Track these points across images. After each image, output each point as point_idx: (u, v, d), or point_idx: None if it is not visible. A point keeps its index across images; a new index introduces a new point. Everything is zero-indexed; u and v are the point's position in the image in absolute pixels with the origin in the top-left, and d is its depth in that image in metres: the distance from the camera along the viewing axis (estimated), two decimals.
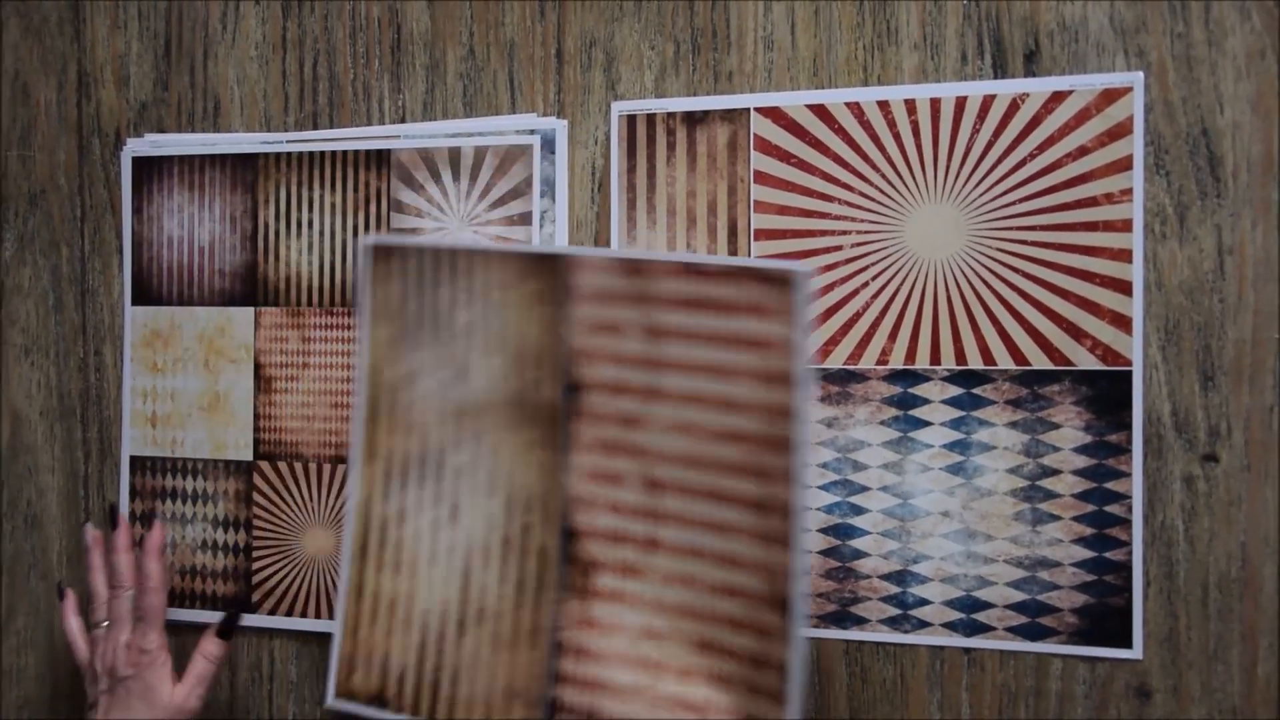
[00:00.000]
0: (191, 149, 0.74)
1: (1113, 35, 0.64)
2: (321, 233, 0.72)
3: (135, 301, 0.76)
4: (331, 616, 0.72)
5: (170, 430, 0.76)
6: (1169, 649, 0.63)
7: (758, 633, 0.55)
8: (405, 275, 0.62)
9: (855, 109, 0.67)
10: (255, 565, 0.74)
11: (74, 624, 0.72)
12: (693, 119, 0.69)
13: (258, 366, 0.74)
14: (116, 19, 0.78)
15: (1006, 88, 0.64)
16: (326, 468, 0.72)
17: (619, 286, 0.58)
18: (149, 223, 0.75)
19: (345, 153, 0.72)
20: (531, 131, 0.69)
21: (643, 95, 0.70)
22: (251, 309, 0.74)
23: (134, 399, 0.76)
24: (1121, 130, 0.63)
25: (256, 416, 0.74)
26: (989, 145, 0.65)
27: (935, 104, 0.65)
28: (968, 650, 0.65)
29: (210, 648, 0.69)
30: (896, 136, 0.66)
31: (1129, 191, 0.63)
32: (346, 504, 0.66)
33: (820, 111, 0.67)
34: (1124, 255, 0.63)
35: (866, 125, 0.66)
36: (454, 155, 0.70)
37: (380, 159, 0.71)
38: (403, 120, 0.73)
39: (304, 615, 0.73)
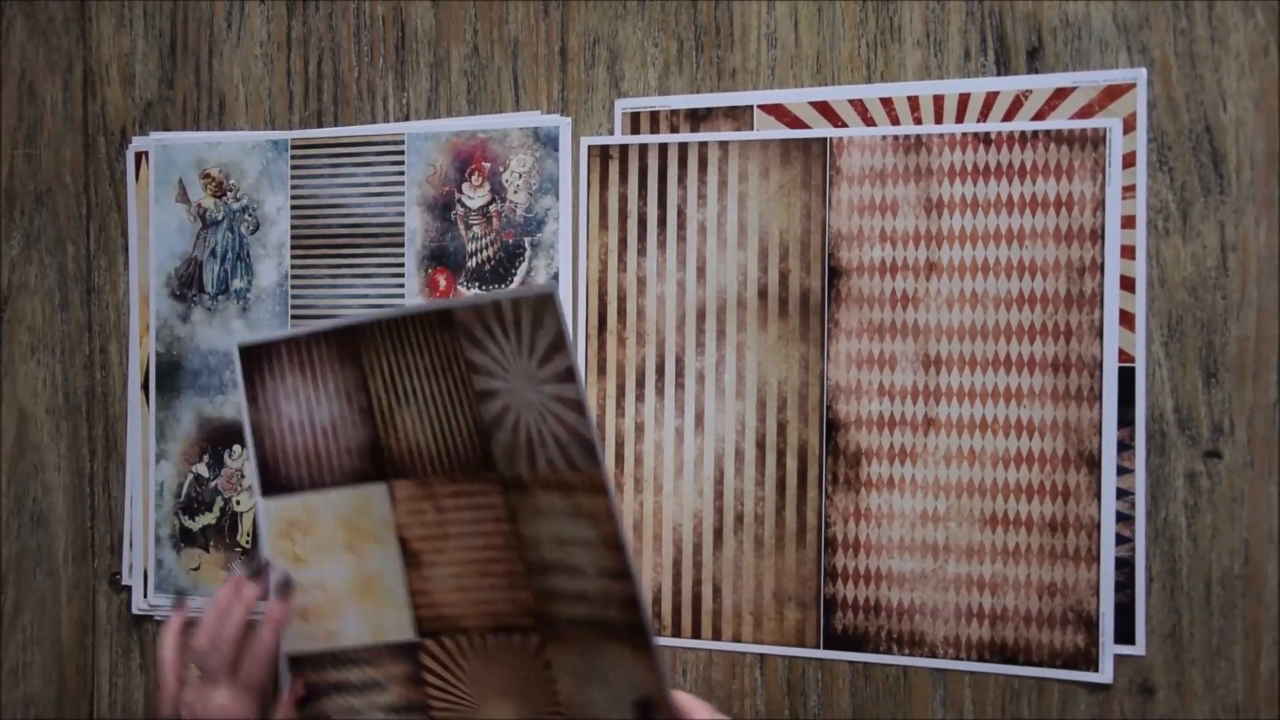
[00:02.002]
0: (296, 332, 0.68)
1: (1116, 32, 0.64)
2: (425, 400, 0.65)
3: (266, 493, 0.69)
4: None
5: (324, 622, 0.69)
6: (1172, 645, 0.63)
7: (1060, 496, 0.55)
8: (626, 177, 0.61)
9: (859, 106, 0.67)
10: None
11: (171, 650, 0.68)
12: (696, 116, 0.69)
13: (403, 541, 0.67)
14: (122, 18, 0.79)
15: (1009, 84, 0.65)
16: (491, 639, 0.65)
17: (893, 164, 0.58)
18: (268, 411, 0.69)
19: (408, 317, 0.64)
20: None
21: (646, 93, 0.70)
22: (384, 484, 0.67)
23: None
24: (1124, 127, 0.63)
25: (412, 594, 0.67)
26: None
27: (938, 101, 0.65)
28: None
29: (274, 613, 0.67)
30: None
31: (1132, 188, 0.63)
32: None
33: (823, 108, 0.67)
34: (1127, 251, 0.63)
35: (870, 122, 0.67)
36: (497, 311, 0.61)
37: (445, 319, 0.63)
38: (407, 118, 0.74)
39: None
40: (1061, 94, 0.64)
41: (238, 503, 0.76)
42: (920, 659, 0.66)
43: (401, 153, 0.73)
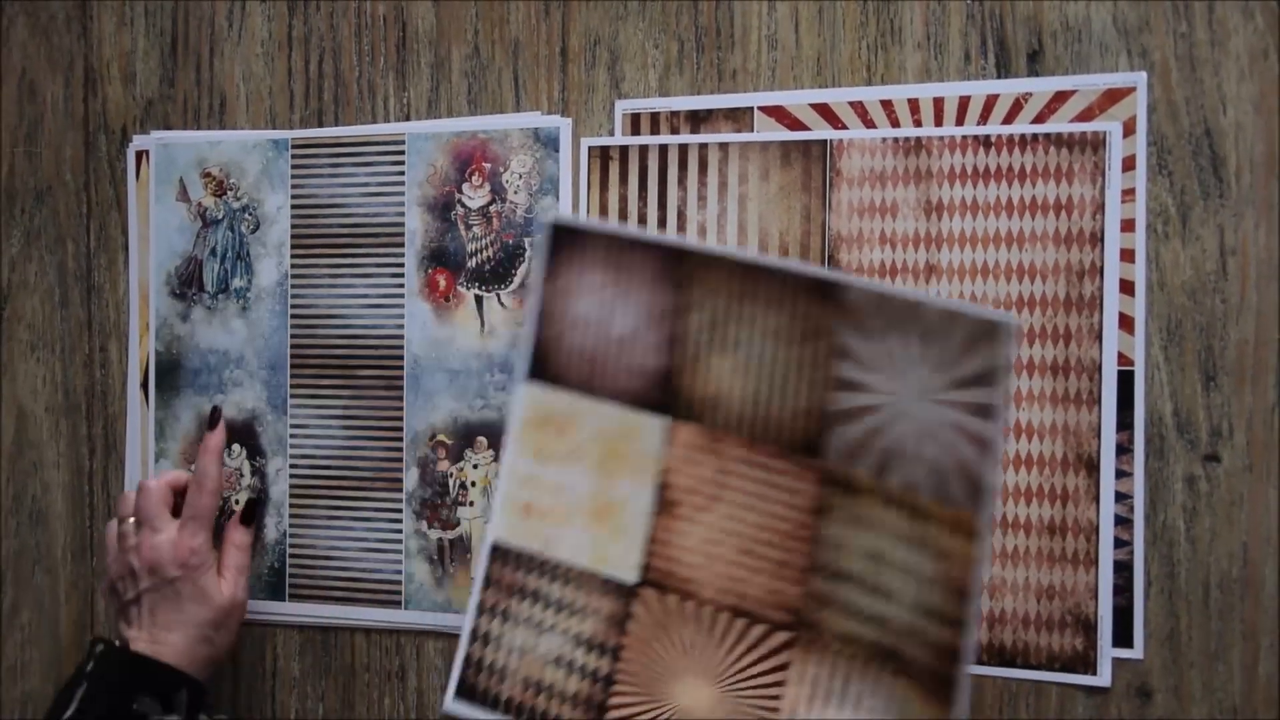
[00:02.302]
0: (624, 232, 0.63)
1: (1116, 35, 0.64)
2: (755, 356, 0.60)
3: (532, 376, 0.64)
4: None
5: (546, 526, 0.66)
6: (1170, 649, 0.63)
7: (1058, 499, 0.55)
8: (626, 178, 0.60)
9: (859, 108, 0.67)
10: (613, 700, 0.63)
11: (112, 526, 0.70)
12: (696, 118, 0.69)
13: (662, 485, 0.63)
14: (123, 16, 0.79)
15: (1010, 87, 0.65)
16: (723, 617, 0.61)
17: (893, 166, 0.57)
18: (560, 295, 0.64)
19: (787, 275, 0.58)
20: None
21: (647, 94, 0.70)
22: (666, 420, 0.63)
23: (510, 482, 0.66)
24: (1124, 130, 0.63)
25: (651, 539, 0.63)
26: None
27: (939, 103, 0.65)
28: None
29: (238, 536, 0.71)
30: None
31: (1131, 191, 0.63)
32: None
33: (824, 110, 0.67)
34: (1126, 255, 0.63)
35: (870, 125, 0.67)
36: (913, 312, 0.55)
37: (830, 291, 0.57)
38: (408, 118, 0.74)
39: None
40: (1061, 97, 0.64)
41: (236, 501, 0.75)
42: None
43: (402, 153, 0.73)
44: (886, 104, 0.66)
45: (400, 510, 0.72)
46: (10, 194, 0.81)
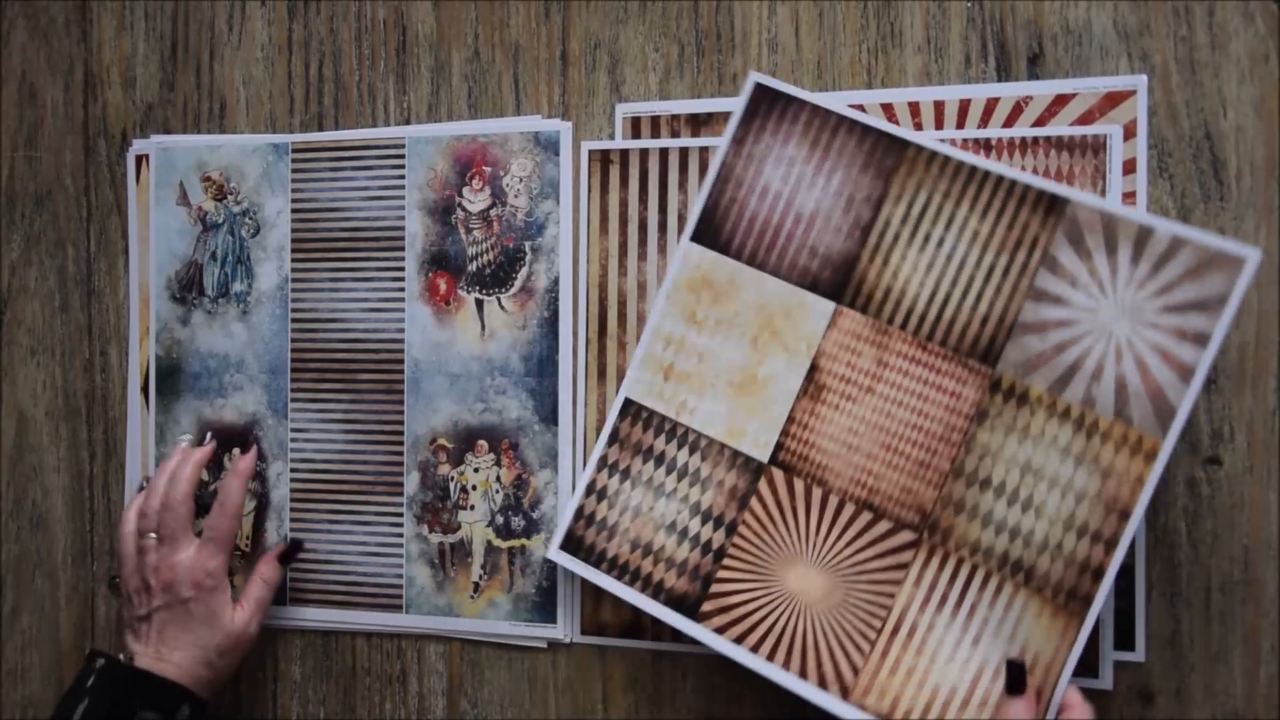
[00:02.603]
0: (834, 106, 0.63)
1: (1116, 38, 0.64)
2: (949, 257, 0.61)
3: (696, 238, 0.65)
4: (788, 665, 0.62)
5: (684, 391, 0.65)
6: (1171, 651, 0.63)
7: None
8: (627, 182, 0.64)
9: (858, 110, 0.67)
10: (720, 573, 0.64)
11: (130, 523, 0.69)
12: (697, 121, 0.69)
13: (814, 368, 0.63)
14: (123, 20, 0.79)
15: (1010, 90, 0.65)
16: (849, 508, 0.62)
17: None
18: (747, 160, 0.64)
19: (1014, 183, 0.59)
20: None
21: (647, 97, 0.70)
22: (833, 304, 0.63)
23: (654, 341, 0.66)
24: (1125, 133, 0.63)
25: (791, 420, 0.63)
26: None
27: (939, 106, 0.65)
28: None
29: (269, 572, 0.71)
30: None
31: (1132, 194, 0.63)
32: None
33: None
34: None
35: None
36: (1143, 234, 0.56)
37: (1054, 204, 0.58)
38: (408, 121, 0.74)
39: (756, 651, 0.62)
40: (1062, 100, 0.64)
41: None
42: None
43: (402, 156, 0.73)
44: (887, 107, 0.66)
45: (401, 514, 0.72)
46: (10, 198, 0.81)
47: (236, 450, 0.75)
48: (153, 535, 0.67)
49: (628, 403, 0.66)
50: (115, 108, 0.79)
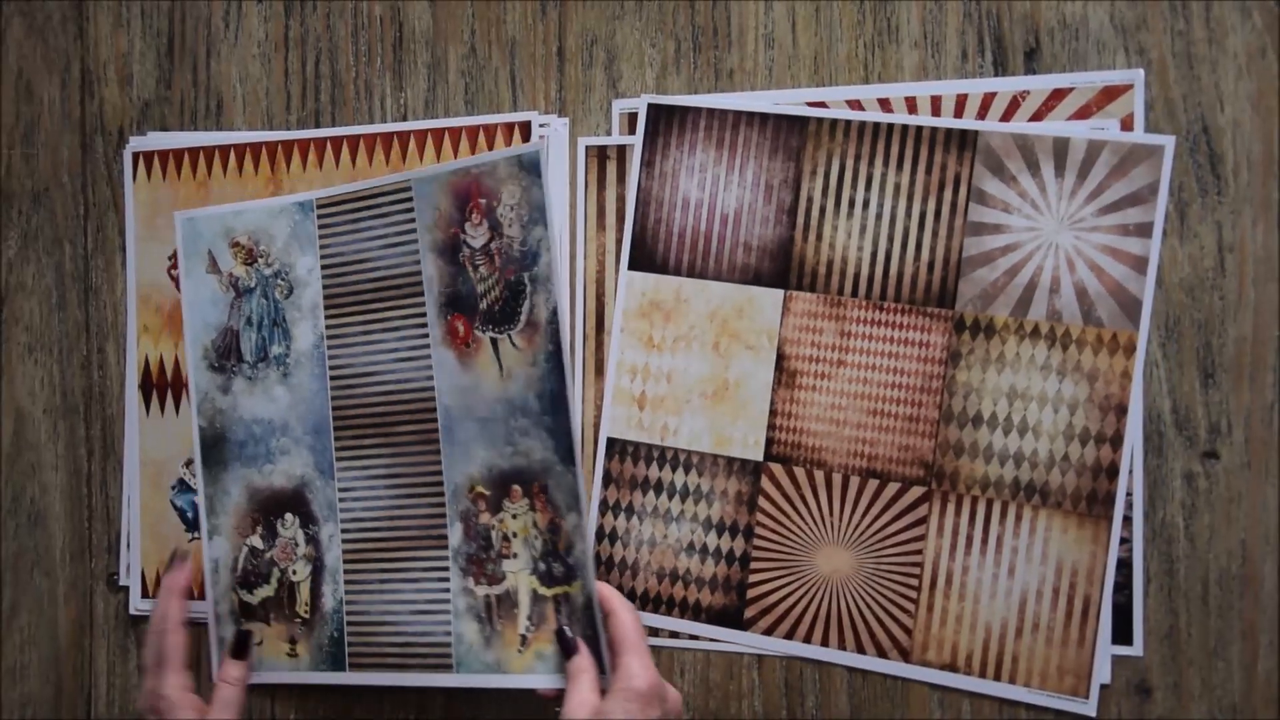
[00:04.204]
0: (726, 104, 0.65)
1: (1113, 33, 0.64)
2: (879, 216, 0.62)
3: (633, 266, 0.66)
4: (843, 646, 0.65)
5: (662, 415, 0.66)
6: (1169, 646, 0.63)
7: None
8: (623, 178, 0.62)
9: (856, 106, 0.67)
10: (752, 578, 0.66)
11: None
12: None
13: (781, 357, 0.64)
14: (119, 17, 0.79)
15: (1007, 85, 0.65)
16: (854, 480, 0.63)
17: None
18: (661, 179, 0.65)
19: (921, 129, 0.62)
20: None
21: (644, 93, 0.70)
22: (781, 292, 0.64)
23: (620, 375, 0.66)
24: (1121, 128, 0.63)
25: (773, 413, 0.64)
26: None
27: (936, 101, 0.65)
28: None
29: (230, 670, 0.68)
30: None
31: None
32: None
33: (821, 110, 0.67)
34: None
35: None
36: (1059, 147, 0.60)
37: (965, 140, 0.61)
38: (404, 118, 0.74)
39: (809, 641, 0.64)
40: (1059, 95, 0.64)
41: (294, 572, 0.71)
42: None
43: (410, 199, 0.69)
44: (884, 102, 0.66)
45: (447, 568, 0.68)
46: (7, 196, 0.81)
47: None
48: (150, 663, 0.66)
49: (611, 442, 0.67)
50: (112, 105, 0.79)
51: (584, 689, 0.58)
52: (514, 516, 0.67)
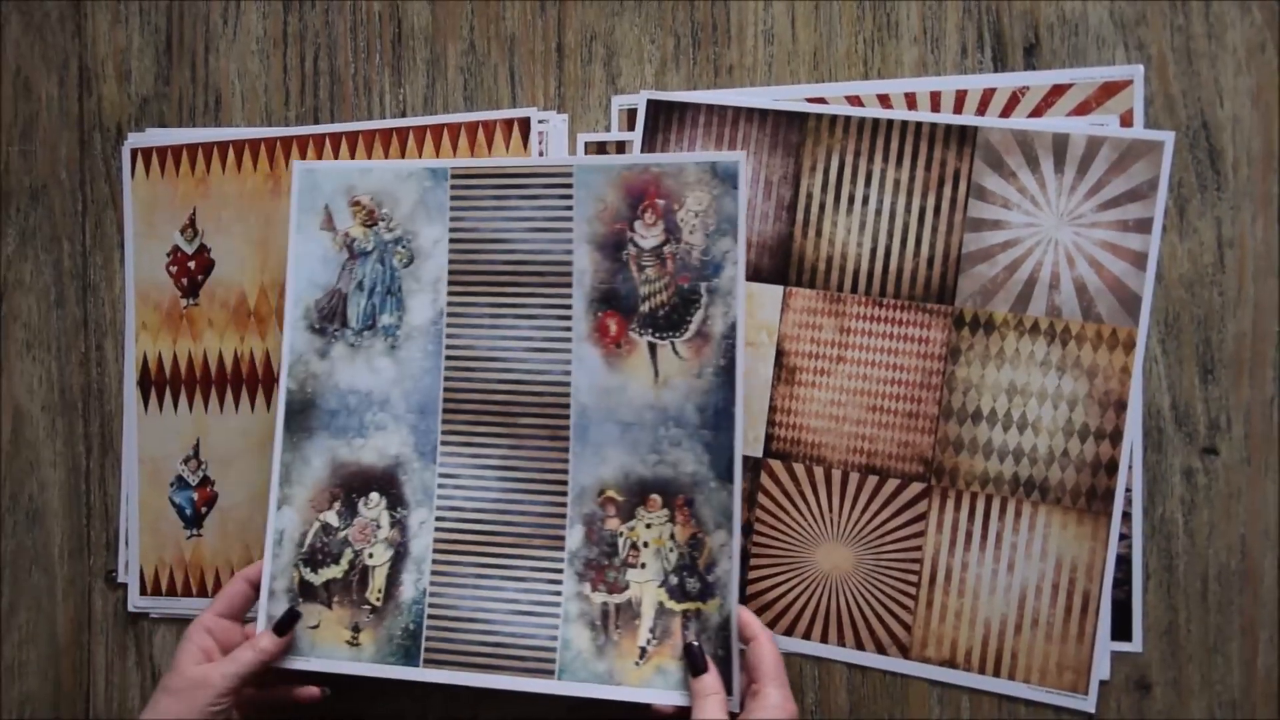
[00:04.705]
0: (726, 101, 0.65)
1: (1113, 28, 0.64)
2: (878, 212, 0.62)
3: None
4: (843, 642, 0.65)
5: None
6: (1169, 642, 0.63)
7: None
8: None
9: (856, 103, 0.67)
10: (752, 574, 0.66)
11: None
12: None
13: (780, 353, 0.64)
14: (118, 14, 0.79)
15: (1007, 81, 0.65)
16: (854, 477, 0.62)
17: None
18: None
19: (920, 125, 0.62)
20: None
21: (643, 89, 0.70)
22: (780, 288, 0.64)
23: None
24: (1121, 123, 0.63)
25: (773, 409, 0.64)
26: None
27: (935, 97, 0.65)
28: None
29: (262, 640, 0.65)
30: None
31: None
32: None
33: (819, 105, 0.67)
34: None
35: None
36: (1059, 142, 0.60)
37: (964, 136, 0.62)
38: (403, 114, 0.73)
39: (808, 637, 0.64)
40: (1058, 90, 0.64)
41: (370, 555, 0.68)
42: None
43: (570, 186, 0.66)
44: (883, 98, 0.66)
45: (561, 570, 0.65)
46: (5, 193, 0.80)
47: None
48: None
49: None
50: (110, 102, 0.79)
51: (713, 710, 0.57)
52: (648, 526, 0.64)
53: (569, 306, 0.66)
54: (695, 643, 0.60)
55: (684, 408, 0.63)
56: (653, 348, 0.64)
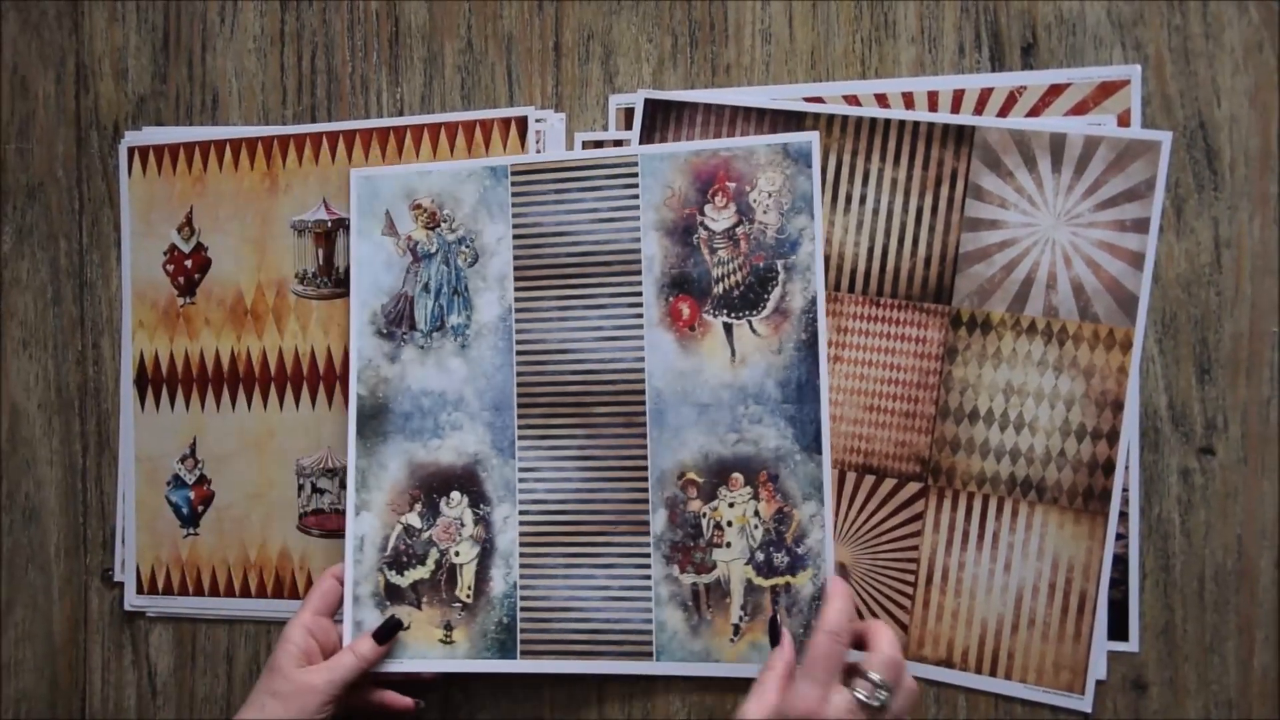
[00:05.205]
0: (724, 100, 0.66)
1: (1110, 28, 0.64)
2: (875, 211, 0.63)
3: None
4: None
5: None
6: (1165, 642, 0.63)
7: None
8: None
9: (853, 102, 0.67)
10: None
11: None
12: None
13: None
14: (115, 12, 0.78)
15: (1004, 81, 0.65)
16: (850, 476, 0.63)
17: None
18: None
19: (917, 124, 0.62)
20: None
21: (641, 88, 0.70)
22: None
23: None
24: (1119, 123, 0.63)
25: None
26: None
27: (933, 97, 0.65)
28: None
29: (363, 645, 0.66)
30: None
31: None
32: None
33: (818, 105, 0.67)
34: None
35: None
36: (1056, 142, 0.60)
37: (962, 136, 0.62)
38: (400, 113, 0.73)
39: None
40: (1056, 90, 0.64)
41: (457, 553, 0.69)
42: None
43: (635, 175, 0.67)
44: (881, 97, 0.66)
45: (648, 555, 0.66)
46: (2, 191, 0.80)
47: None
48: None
49: None
50: (107, 100, 0.79)
51: (767, 686, 0.55)
52: (730, 505, 0.65)
53: (639, 294, 0.67)
54: (776, 616, 0.62)
55: (764, 384, 0.64)
56: (728, 328, 0.65)
